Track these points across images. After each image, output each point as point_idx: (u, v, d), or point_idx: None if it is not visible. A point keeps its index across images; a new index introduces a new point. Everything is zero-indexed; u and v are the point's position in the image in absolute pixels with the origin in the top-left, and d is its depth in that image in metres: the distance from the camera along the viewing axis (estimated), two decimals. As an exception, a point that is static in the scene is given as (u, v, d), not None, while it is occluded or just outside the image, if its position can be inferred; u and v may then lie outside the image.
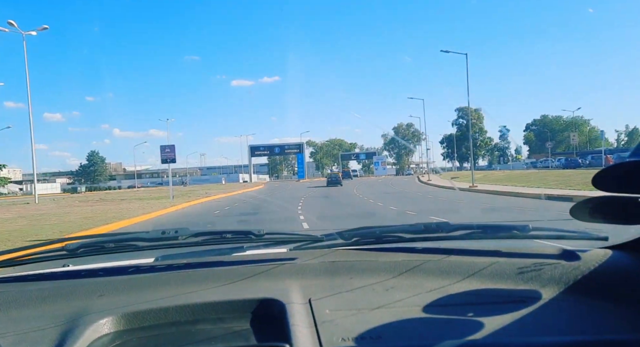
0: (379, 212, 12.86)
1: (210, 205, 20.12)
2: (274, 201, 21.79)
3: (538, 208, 12.17)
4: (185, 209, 18.26)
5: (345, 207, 15.66)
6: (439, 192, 22.24)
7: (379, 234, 1.30)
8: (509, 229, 1.27)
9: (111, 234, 1.49)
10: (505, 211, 11.85)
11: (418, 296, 0.99)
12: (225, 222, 12.06)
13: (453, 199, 17.18)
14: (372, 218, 11.38)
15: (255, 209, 16.65)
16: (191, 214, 15.71)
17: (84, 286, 1.09)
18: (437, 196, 19.20)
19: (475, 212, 12.01)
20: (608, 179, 0.86)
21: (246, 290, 1.04)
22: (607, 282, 1.00)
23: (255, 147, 74.52)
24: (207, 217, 13.86)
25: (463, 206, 13.71)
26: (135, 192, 45.19)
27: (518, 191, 17.87)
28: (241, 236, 1.36)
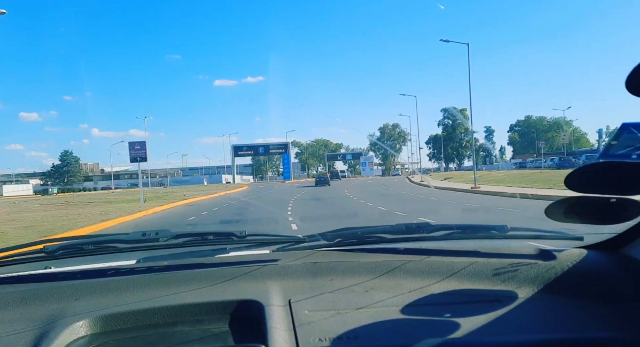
0: (390, 221, 10.59)
1: (186, 210, 17.76)
2: (259, 204, 19.47)
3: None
4: (156, 215, 15.77)
5: (347, 215, 13.42)
6: (440, 194, 20.15)
7: (361, 234, 1.29)
8: (487, 229, 1.29)
9: (91, 236, 1.41)
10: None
11: (397, 296, 0.99)
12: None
13: (465, 203, 15.07)
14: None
15: (238, 214, 14.57)
16: (160, 222, 13.36)
17: (61, 288, 1.07)
18: (443, 199, 17.10)
19: (519, 222, 9.74)
20: (581, 180, 0.87)
21: (227, 292, 1.03)
22: (582, 281, 1.01)
23: (239, 147, 71.73)
24: (180, 225, 11.86)
25: (492, 213, 11.35)
26: (108, 194, 42.21)
27: (532, 192, 15.89)
28: (223, 238, 1.33)
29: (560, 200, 0.96)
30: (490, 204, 14.19)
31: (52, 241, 1.27)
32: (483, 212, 11.72)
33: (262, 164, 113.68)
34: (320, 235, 1.31)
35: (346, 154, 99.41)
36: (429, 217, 9.82)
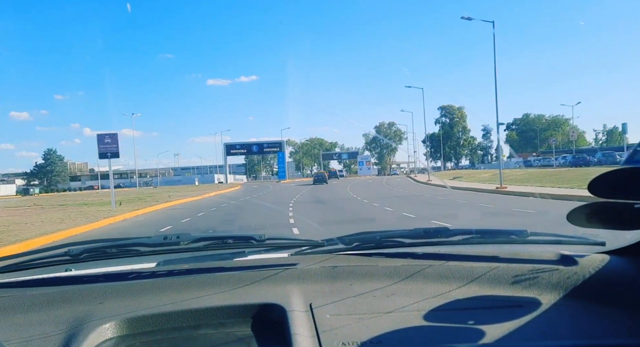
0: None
1: (164, 215, 14.68)
2: (253, 208, 16.43)
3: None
4: (123, 224, 12.70)
5: (360, 220, 10.44)
6: (463, 195, 17.21)
7: (379, 239, 1.28)
8: (507, 234, 1.27)
9: (114, 239, 1.35)
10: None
11: (419, 301, 0.98)
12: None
13: (503, 207, 12.13)
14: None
15: (228, 222, 11.65)
16: (118, 236, 10.10)
17: (87, 291, 1.08)
18: (471, 202, 14.16)
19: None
20: (604, 185, 0.87)
21: (247, 295, 1.03)
22: (605, 287, 1.00)
23: (231, 145, 68.30)
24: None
25: (554, 220, 8.48)
26: (89, 195, 38.98)
27: (572, 193, 12.98)
28: (243, 241, 1.34)
29: (583, 205, 0.95)
30: (534, 207, 11.43)
31: (76, 244, 1.27)
32: (544, 217, 8.95)
33: (255, 163, 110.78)
34: (338, 239, 1.29)
35: (342, 153, 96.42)
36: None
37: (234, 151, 68.31)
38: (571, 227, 0.99)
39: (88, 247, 1.26)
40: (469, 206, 12.83)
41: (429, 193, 19.77)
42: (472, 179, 29.42)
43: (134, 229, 11.15)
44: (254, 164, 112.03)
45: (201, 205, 18.60)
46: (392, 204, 14.34)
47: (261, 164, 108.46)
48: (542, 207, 11.33)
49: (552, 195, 13.86)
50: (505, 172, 34.92)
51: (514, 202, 13.06)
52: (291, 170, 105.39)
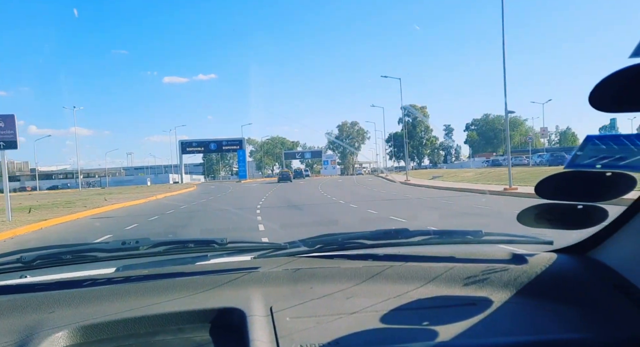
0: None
1: (78, 229, 10.32)
2: (209, 216, 12.34)
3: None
4: (5, 244, 8.33)
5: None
6: (473, 200, 13.89)
7: (342, 241, 1.28)
8: (463, 234, 1.30)
9: (70, 245, 1.28)
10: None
11: (377, 302, 0.99)
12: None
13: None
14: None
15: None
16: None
17: (40, 299, 1.03)
18: (505, 210, 10.80)
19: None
20: (550, 187, 0.89)
21: (208, 300, 1.01)
22: (553, 284, 1.04)
23: (187, 142, 62.74)
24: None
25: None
26: (13, 197, 32.75)
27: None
28: (204, 245, 1.30)
29: (532, 206, 0.98)
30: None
31: (29, 250, 1.20)
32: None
33: (214, 163, 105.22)
34: (301, 241, 1.27)
35: (305, 153, 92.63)
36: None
37: (190, 149, 62.88)
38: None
39: (42, 254, 1.19)
40: (494, 215, 9.45)
41: (426, 195, 16.37)
42: (456, 178, 26.48)
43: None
44: (213, 163, 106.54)
45: (140, 211, 14.32)
46: (395, 210, 10.79)
47: (220, 163, 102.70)
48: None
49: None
50: (492, 171, 32.82)
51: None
52: (252, 170, 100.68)
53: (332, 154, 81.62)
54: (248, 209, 12.93)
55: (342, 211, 11.91)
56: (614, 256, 1.02)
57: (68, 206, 16.94)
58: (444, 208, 11.71)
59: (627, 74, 0.65)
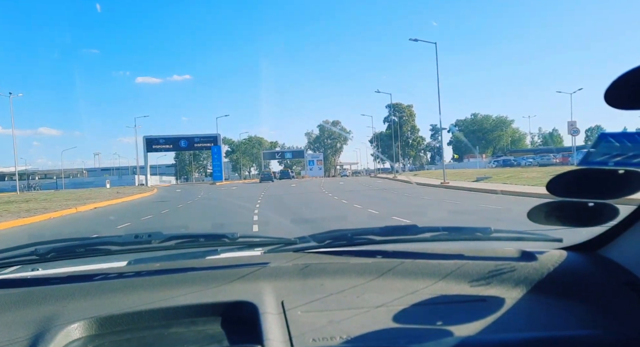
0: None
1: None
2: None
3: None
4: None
5: None
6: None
7: (351, 236, 1.27)
8: (472, 231, 1.29)
9: (83, 238, 1.30)
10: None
11: (388, 298, 0.99)
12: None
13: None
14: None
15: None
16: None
17: (55, 291, 1.04)
18: None
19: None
20: (561, 185, 0.89)
21: (220, 293, 1.02)
22: (562, 281, 1.04)
23: (153, 139, 53.79)
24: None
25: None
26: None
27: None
28: (215, 239, 1.30)
29: (542, 204, 0.98)
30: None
31: (43, 243, 1.19)
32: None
33: (187, 163, 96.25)
34: (310, 236, 1.27)
35: (285, 152, 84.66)
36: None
37: (157, 146, 54.06)
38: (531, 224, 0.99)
39: (56, 247, 1.18)
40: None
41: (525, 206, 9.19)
42: (518, 180, 19.43)
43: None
44: (186, 164, 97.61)
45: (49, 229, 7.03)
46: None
47: (192, 164, 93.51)
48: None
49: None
50: (506, 171, 26.61)
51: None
52: (227, 171, 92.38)
53: (318, 154, 73.62)
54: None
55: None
56: (624, 254, 1.01)
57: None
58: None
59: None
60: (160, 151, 55.43)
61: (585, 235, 1.11)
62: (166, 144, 54.62)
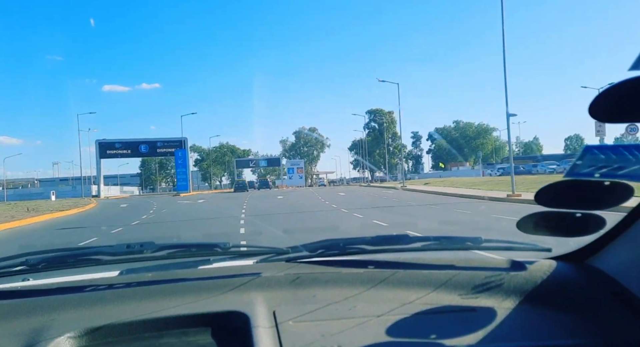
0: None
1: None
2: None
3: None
4: None
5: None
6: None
7: (343, 245, 1.26)
8: (462, 241, 1.30)
9: (74, 248, 1.31)
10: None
11: (380, 308, 0.98)
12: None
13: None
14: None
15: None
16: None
17: (45, 302, 1.02)
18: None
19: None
20: (549, 195, 0.91)
21: (212, 303, 1.00)
22: (551, 291, 1.03)
23: (108, 143, 45.94)
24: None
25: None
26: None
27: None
28: (207, 249, 1.28)
29: (531, 214, 0.99)
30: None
31: (34, 253, 1.17)
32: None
33: (152, 173, 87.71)
34: (302, 246, 1.25)
35: (260, 160, 77.43)
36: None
37: (113, 152, 46.20)
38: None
39: (47, 257, 1.17)
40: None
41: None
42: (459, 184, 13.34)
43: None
44: (152, 173, 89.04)
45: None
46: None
47: (157, 173, 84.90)
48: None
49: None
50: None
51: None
52: (197, 180, 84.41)
53: (299, 161, 66.49)
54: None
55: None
56: (612, 264, 1.02)
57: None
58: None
59: (627, 86, 0.68)
60: (116, 157, 47.37)
61: (573, 245, 1.10)
62: (123, 149, 46.65)
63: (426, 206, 13.72)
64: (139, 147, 46.24)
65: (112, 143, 46.43)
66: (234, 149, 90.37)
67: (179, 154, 45.06)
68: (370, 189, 31.24)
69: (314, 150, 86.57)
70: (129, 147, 46.52)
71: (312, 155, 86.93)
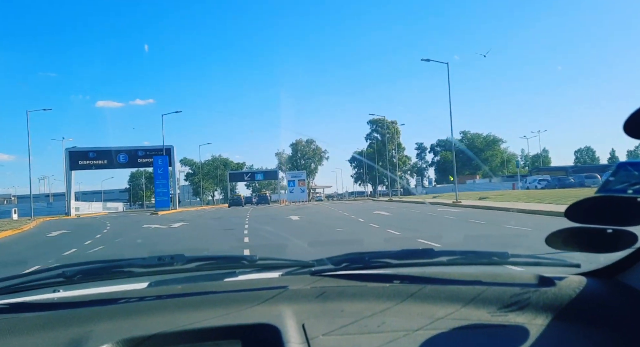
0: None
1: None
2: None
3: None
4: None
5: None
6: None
7: (368, 259, 1.26)
8: (489, 255, 1.27)
9: (108, 260, 1.33)
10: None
11: (408, 322, 0.98)
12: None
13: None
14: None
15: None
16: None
17: (82, 313, 1.04)
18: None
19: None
20: (580, 211, 0.90)
21: (241, 316, 1.01)
22: (581, 307, 1.01)
23: (80, 153, 39.38)
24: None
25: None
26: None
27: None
28: (234, 262, 1.34)
29: (560, 229, 0.98)
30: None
31: (71, 265, 1.22)
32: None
33: (140, 188, 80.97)
34: (328, 259, 1.26)
35: (256, 173, 70.82)
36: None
37: (86, 162, 39.54)
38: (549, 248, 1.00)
39: (83, 269, 1.22)
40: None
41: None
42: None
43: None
44: (141, 188, 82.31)
45: None
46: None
47: (144, 187, 78.02)
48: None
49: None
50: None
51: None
52: (187, 194, 77.74)
53: (300, 173, 59.64)
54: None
55: None
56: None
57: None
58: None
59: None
60: (89, 168, 40.62)
61: (604, 261, 1.07)
62: (98, 159, 39.95)
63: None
64: (117, 157, 39.55)
65: (85, 152, 39.77)
66: (227, 162, 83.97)
67: (159, 162, 36.65)
68: (400, 205, 24.68)
69: (312, 163, 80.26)
70: (105, 156, 39.82)
71: (310, 168, 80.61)
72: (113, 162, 39.99)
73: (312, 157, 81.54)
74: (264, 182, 79.13)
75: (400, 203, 27.04)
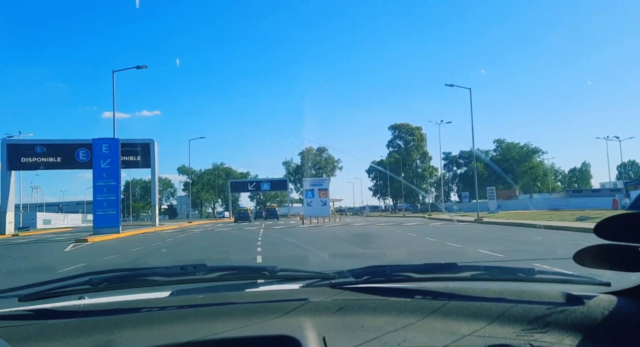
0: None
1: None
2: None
3: None
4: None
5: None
6: None
7: (389, 272, 1.24)
8: (514, 271, 1.23)
9: (133, 269, 1.34)
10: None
11: (430, 339, 0.95)
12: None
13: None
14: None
15: None
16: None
17: (105, 321, 1.04)
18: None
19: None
20: (610, 228, 0.88)
21: (262, 327, 1.00)
22: (612, 328, 0.96)
23: (23, 146, 28.22)
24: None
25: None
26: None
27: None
28: (255, 272, 1.32)
29: (590, 246, 0.94)
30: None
31: (97, 272, 1.23)
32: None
33: (137, 198, 70.00)
34: (349, 272, 1.24)
35: (262, 183, 59.21)
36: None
37: (31, 160, 28.22)
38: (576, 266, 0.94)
39: (109, 276, 1.23)
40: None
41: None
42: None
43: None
44: (137, 198, 71.47)
45: None
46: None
47: (131, 197, 66.64)
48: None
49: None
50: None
51: None
52: (184, 206, 66.63)
53: (321, 180, 47.06)
54: None
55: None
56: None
57: None
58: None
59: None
60: (36, 168, 29.19)
61: (635, 280, 1.01)
62: (49, 155, 28.59)
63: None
64: (76, 154, 28.19)
65: (31, 146, 28.51)
66: (229, 171, 72.77)
67: (103, 150, 21.60)
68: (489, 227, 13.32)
69: (324, 173, 68.68)
70: (59, 153, 28.47)
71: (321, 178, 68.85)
72: (70, 160, 28.55)
73: (323, 167, 70.26)
74: (270, 194, 67.92)
75: (487, 225, 15.37)
